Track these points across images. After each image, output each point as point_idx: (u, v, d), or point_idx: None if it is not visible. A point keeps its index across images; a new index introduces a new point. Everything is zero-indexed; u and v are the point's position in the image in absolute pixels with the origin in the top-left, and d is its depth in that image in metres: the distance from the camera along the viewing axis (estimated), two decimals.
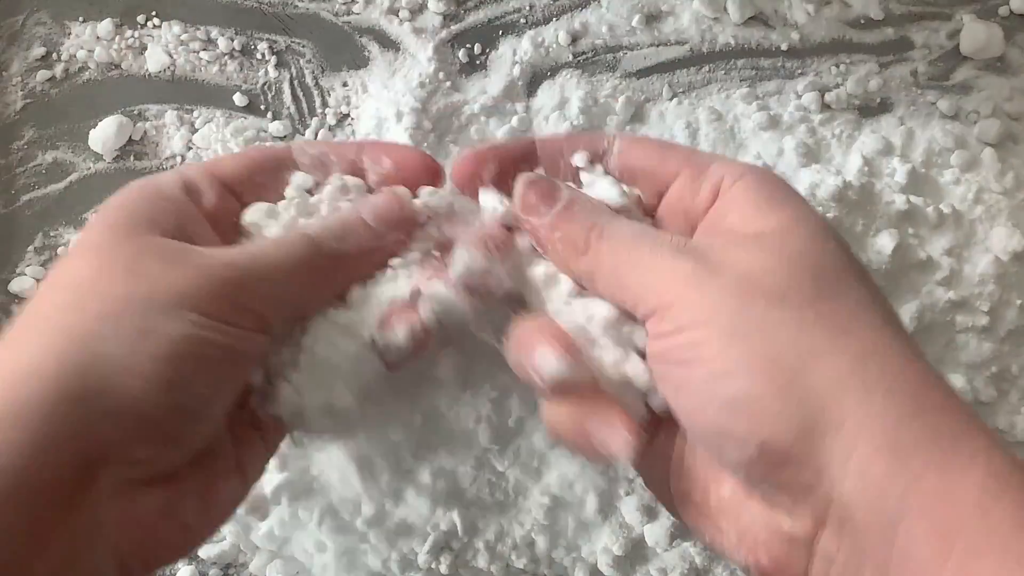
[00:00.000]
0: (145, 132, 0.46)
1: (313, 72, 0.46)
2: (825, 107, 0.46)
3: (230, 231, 0.33)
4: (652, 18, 0.46)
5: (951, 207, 0.43)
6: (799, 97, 0.46)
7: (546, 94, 0.45)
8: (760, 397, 0.26)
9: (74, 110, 0.46)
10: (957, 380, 0.42)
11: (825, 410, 0.25)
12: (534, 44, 0.46)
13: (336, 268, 0.32)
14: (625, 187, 0.32)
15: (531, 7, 0.46)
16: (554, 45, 0.46)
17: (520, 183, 0.32)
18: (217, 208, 0.33)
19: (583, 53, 0.46)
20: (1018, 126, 0.46)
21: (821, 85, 0.46)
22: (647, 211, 0.33)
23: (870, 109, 0.46)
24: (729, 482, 0.28)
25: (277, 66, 0.46)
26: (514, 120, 0.44)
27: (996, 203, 0.44)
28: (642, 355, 0.30)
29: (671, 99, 0.45)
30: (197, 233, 0.31)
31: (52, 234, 0.46)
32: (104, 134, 0.45)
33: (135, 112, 0.46)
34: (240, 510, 0.43)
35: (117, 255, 0.29)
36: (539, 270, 0.32)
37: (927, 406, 0.25)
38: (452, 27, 0.46)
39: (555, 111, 0.45)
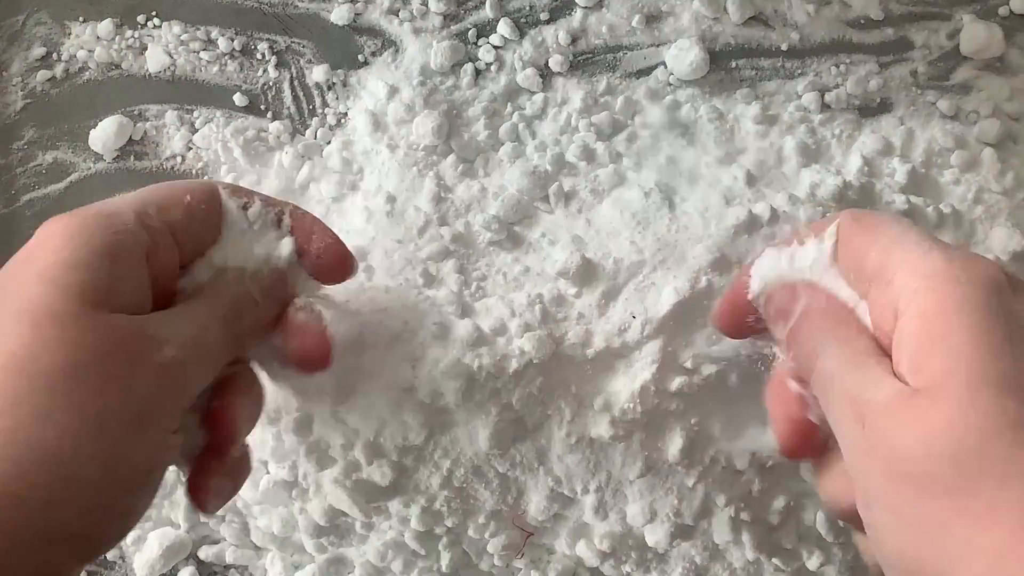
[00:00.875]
0: (145, 132, 0.46)
1: (313, 72, 0.46)
2: (825, 107, 0.46)
3: (164, 279, 0.32)
4: (652, 18, 0.46)
5: (951, 207, 0.43)
6: (799, 97, 0.46)
7: (546, 94, 0.45)
8: None
9: (74, 110, 0.47)
10: None
11: None
12: (534, 44, 0.46)
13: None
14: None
15: (531, 7, 0.46)
16: (554, 45, 0.46)
17: (764, 297, 0.34)
18: (164, 262, 0.32)
19: (583, 53, 0.46)
20: (1018, 126, 0.46)
21: (821, 85, 0.46)
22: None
23: (870, 109, 0.46)
24: None
25: (277, 66, 0.46)
26: (515, 117, 0.44)
27: (996, 203, 0.44)
28: None
29: None
30: (140, 290, 0.31)
31: None
32: (104, 134, 0.45)
33: (135, 112, 0.46)
34: (239, 505, 0.43)
35: (86, 348, 0.28)
36: None
37: None
38: (452, 27, 0.46)
39: (555, 109, 0.45)
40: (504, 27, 0.46)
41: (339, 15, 0.46)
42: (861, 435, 0.27)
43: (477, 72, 0.45)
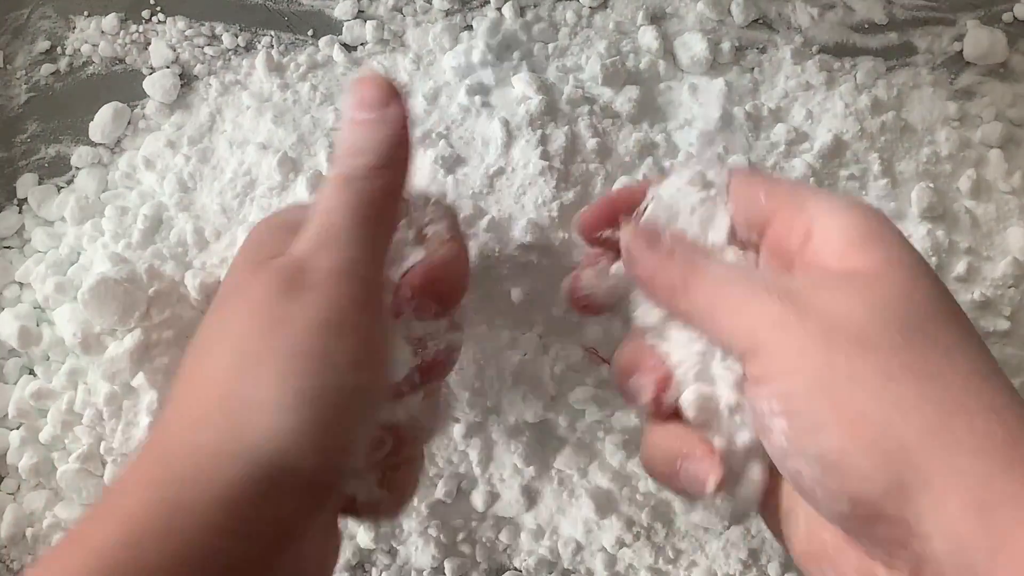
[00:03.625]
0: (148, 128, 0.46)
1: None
2: None
3: None
4: (657, 19, 0.46)
5: (964, 207, 0.43)
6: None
7: None
8: (848, 453, 0.26)
9: (78, 104, 0.46)
10: None
11: (912, 467, 0.25)
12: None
13: (386, 203, 0.31)
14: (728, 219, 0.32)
15: (535, 5, 0.46)
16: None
17: (624, 235, 0.32)
18: None
19: None
20: (1021, 132, 0.46)
21: None
22: (745, 245, 0.32)
23: None
24: (829, 528, 0.28)
25: None
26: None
27: (1006, 202, 0.44)
28: (738, 388, 0.29)
29: None
30: None
31: None
32: (102, 121, 0.45)
33: (138, 107, 0.46)
34: None
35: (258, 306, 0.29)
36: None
37: (1015, 461, 0.24)
38: (454, 19, 0.46)
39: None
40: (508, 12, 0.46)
41: (343, 11, 0.46)
42: (788, 308, 0.27)
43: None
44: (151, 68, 0.46)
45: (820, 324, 0.27)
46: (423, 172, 0.40)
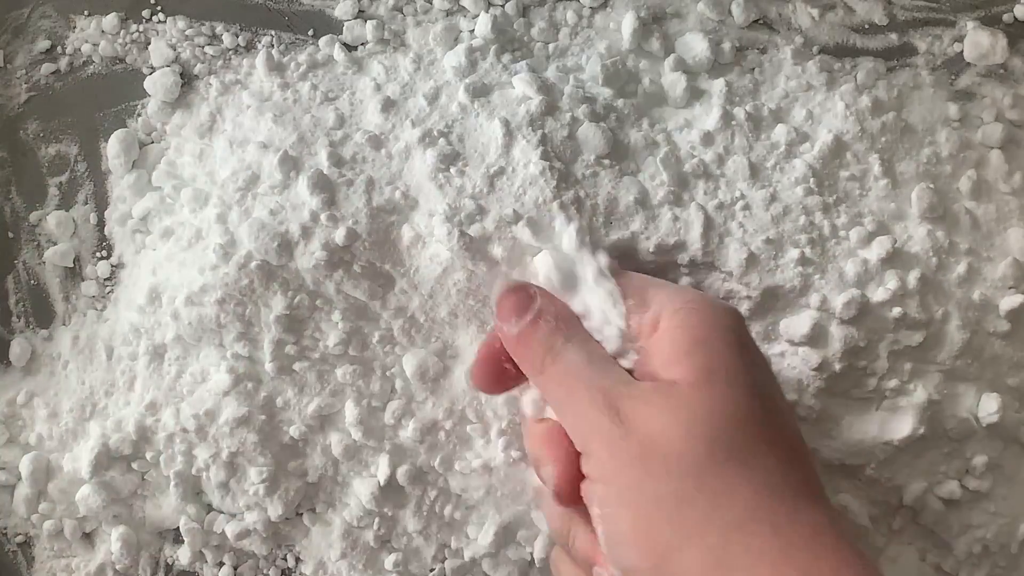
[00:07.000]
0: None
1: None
2: None
3: None
4: (657, 19, 0.46)
5: (964, 208, 0.43)
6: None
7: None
8: (637, 572, 0.28)
9: (78, 104, 0.46)
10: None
11: None
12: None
13: None
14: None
15: (536, 6, 0.46)
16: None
17: (497, 289, 0.35)
18: None
19: None
20: (1021, 133, 0.46)
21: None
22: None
23: None
24: None
25: None
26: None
27: (1006, 203, 0.44)
28: None
29: None
30: None
31: None
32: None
33: (138, 107, 0.46)
34: None
35: None
36: None
37: None
38: (454, 19, 0.46)
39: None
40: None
41: (343, 10, 0.46)
42: (614, 422, 0.29)
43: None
44: (151, 67, 0.46)
45: (639, 443, 0.29)
46: (423, 172, 0.40)
